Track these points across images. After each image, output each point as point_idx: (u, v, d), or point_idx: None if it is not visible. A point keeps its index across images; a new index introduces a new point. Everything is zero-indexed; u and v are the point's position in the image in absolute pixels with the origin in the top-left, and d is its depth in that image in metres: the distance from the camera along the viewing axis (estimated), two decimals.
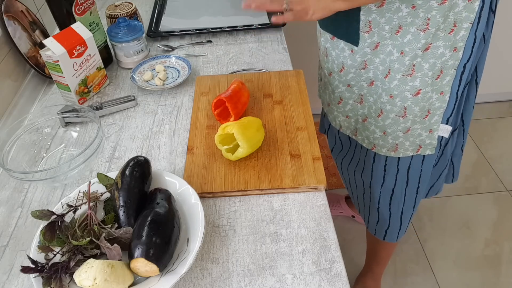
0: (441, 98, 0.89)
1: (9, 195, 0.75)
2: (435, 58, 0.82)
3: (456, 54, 0.82)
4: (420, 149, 0.98)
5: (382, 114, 0.93)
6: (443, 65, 0.83)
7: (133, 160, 0.67)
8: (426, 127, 0.94)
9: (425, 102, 0.89)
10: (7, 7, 0.93)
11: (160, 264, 0.54)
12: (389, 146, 0.98)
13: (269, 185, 0.70)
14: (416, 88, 0.86)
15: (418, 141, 0.97)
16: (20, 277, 0.62)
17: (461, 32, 0.80)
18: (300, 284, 0.58)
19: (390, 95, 0.89)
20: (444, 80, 0.86)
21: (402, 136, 0.95)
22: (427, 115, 0.92)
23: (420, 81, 0.85)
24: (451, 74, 0.85)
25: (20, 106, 0.92)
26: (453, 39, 0.80)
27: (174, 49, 1.11)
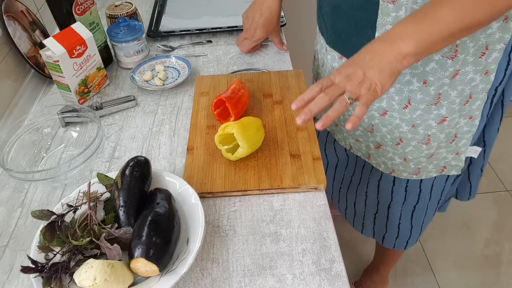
0: (470, 122, 0.82)
1: (9, 195, 0.75)
2: (464, 84, 0.74)
3: (487, 78, 0.75)
4: (444, 170, 0.93)
5: (402, 143, 0.86)
6: (472, 91, 0.76)
7: (133, 160, 0.67)
8: (453, 150, 0.88)
9: (451, 128, 0.82)
10: (7, 7, 0.93)
11: (160, 264, 0.54)
12: (411, 171, 0.92)
13: (269, 185, 0.70)
14: (442, 116, 0.79)
15: (442, 163, 0.91)
16: (20, 277, 0.62)
17: (493, 55, 0.72)
18: (300, 284, 0.58)
19: (412, 125, 0.82)
20: (474, 105, 0.79)
21: (425, 161, 0.89)
22: (454, 140, 0.86)
23: (446, 109, 0.78)
24: (482, 98, 0.78)
25: (20, 106, 0.92)
26: (484, 62, 0.72)
27: (174, 49, 1.11)
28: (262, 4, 0.97)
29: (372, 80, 0.61)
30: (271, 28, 0.99)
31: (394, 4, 0.67)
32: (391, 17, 0.69)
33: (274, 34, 1.02)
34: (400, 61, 0.61)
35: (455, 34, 0.59)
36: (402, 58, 0.60)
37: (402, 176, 0.94)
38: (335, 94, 0.61)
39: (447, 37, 0.59)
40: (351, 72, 0.62)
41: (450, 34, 0.59)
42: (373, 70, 0.61)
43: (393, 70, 0.61)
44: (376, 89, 0.62)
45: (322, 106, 0.61)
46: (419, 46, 0.60)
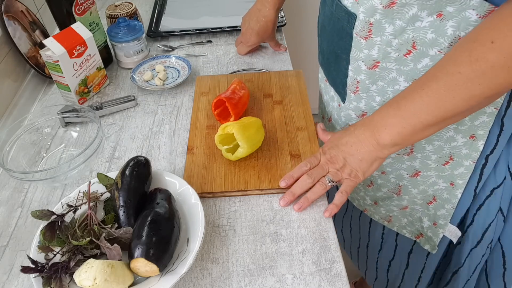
0: (451, 190, 0.73)
1: (9, 195, 0.75)
2: (441, 141, 0.68)
3: (473, 143, 0.66)
4: (420, 238, 0.84)
5: (373, 186, 0.82)
6: (453, 152, 0.68)
7: (133, 160, 0.67)
8: (431, 217, 0.79)
9: (427, 187, 0.75)
10: (7, 7, 0.93)
11: (160, 264, 0.54)
12: (382, 215, 0.87)
13: (269, 185, 0.70)
14: (415, 169, 0.73)
15: (418, 226, 0.83)
16: (20, 277, 0.62)
17: (481, 118, 0.63)
18: (300, 284, 0.58)
19: (382, 172, 0.78)
20: (456, 170, 0.70)
21: (398, 211, 0.83)
22: (432, 202, 0.77)
23: (420, 162, 0.72)
24: (467, 166, 0.68)
25: (20, 106, 0.92)
26: (468, 123, 0.64)
27: (174, 49, 1.11)
28: (259, 11, 0.97)
29: (352, 166, 0.63)
30: (266, 36, 1.00)
31: (366, 41, 0.62)
32: (364, 54, 0.64)
33: (270, 39, 1.03)
34: (380, 150, 0.61)
35: (431, 125, 0.56)
36: (382, 148, 0.61)
37: (374, 217, 0.89)
38: (318, 176, 0.65)
39: (421, 129, 0.57)
40: (333, 155, 0.65)
41: (424, 127, 0.56)
42: (353, 158, 0.63)
43: (373, 158, 0.62)
44: (357, 174, 0.64)
45: (305, 188, 0.65)
46: (395, 139, 0.59)
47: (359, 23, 0.61)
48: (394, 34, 0.59)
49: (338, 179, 0.65)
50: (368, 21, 0.60)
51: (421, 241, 0.85)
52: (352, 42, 0.65)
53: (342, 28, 0.66)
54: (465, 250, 0.78)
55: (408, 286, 0.97)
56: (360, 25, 0.61)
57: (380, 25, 0.59)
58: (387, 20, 0.58)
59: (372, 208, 0.88)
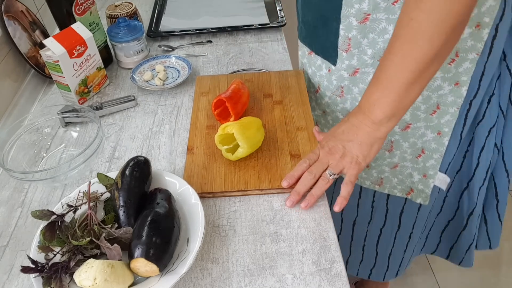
0: (439, 139, 0.77)
1: (9, 195, 0.75)
2: (429, 90, 0.71)
3: (457, 90, 0.71)
4: (411, 193, 0.87)
5: None
6: (440, 100, 0.72)
7: (133, 160, 0.67)
8: (420, 170, 0.82)
9: (416, 139, 0.78)
10: (7, 7, 0.93)
11: (160, 264, 0.54)
12: (373, 179, 0.89)
13: (269, 185, 0.70)
14: (406, 122, 0.76)
15: (408, 183, 0.85)
16: (20, 277, 0.62)
17: (464, 64, 0.67)
18: (300, 284, 0.58)
19: None
20: (442, 118, 0.75)
21: (389, 171, 0.85)
22: (421, 155, 0.80)
23: (410, 114, 0.75)
24: (452, 113, 0.73)
25: (20, 106, 0.92)
26: (454, 71, 0.69)
27: (174, 49, 1.11)
28: None
29: (352, 152, 0.63)
30: None
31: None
32: (355, 9, 0.67)
33: None
34: (377, 129, 0.62)
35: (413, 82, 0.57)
36: (379, 126, 0.61)
37: (365, 184, 0.90)
38: (319, 172, 0.64)
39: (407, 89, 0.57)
40: (332, 146, 0.65)
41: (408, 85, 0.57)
42: (352, 143, 0.63)
43: (372, 139, 0.62)
44: (358, 160, 0.63)
45: (308, 185, 0.65)
46: (387, 111, 0.60)
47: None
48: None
49: (339, 170, 0.64)
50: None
51: (412, 196, 0.87)
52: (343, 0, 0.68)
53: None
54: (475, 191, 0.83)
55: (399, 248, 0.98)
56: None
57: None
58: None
59: (363, 173, 0.88)
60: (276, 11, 1.21)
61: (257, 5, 1.26)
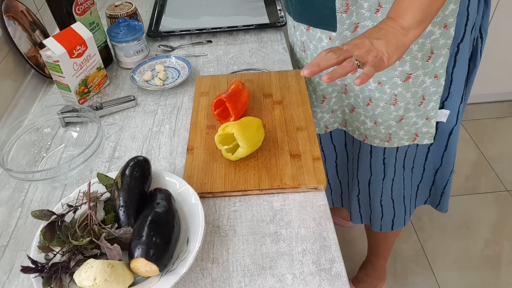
0: (436, 82, 0.84)
1: (9, 195, 0.75)
2: (423, 37, 0.77)
3: (446, 32, 0.77)
4: (417, 138, 0.94)
5: (371, 103, 0.89)
6: (433, 45, 0.78)
7: (133, 160, 0.67)
8: (422, 115, 0.90)
9: (417, 87, 0.84)
10: (7, 7, 0.93)
11: (160, 264, 0.54)
12: (382, 137, 0.94)
13: (269, 185, 0.70)
14: (406, 73, 0.81)
15: (414, 130, 0.93)
16: (20, 277, 0.62)
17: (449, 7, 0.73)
18: (300, 284, 0.58)
19: (378, 82, 0.85)
20: (437, 62, 0.81)
21: (395, 125, 0.91)
22: (422, 102, 0.87)
23: (410, 64, 0.80)
24: (444, 54, 0.80)
25: (20, 106, 0.92)
26: (441, 14, 0.74)
27: (174, 49, 1.11)
28: None
29: (379, 49, 0.63)
30: None
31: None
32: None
33: None
34: (405, 35, 0.64)
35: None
36: (407, 32, 0.63)
37: (374, 143, 0.96)
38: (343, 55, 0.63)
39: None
40: (359, 42, 0.65)
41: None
42: (380, 41, 0.63)
43: (399, 43, 0.64)
44: (383, 57, 0.63)
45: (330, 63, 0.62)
46: (417, 15, 0.63)
47: None
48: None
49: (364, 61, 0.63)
50: None
51: (418, 140, 0.95)
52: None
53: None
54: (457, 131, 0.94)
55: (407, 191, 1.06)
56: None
57: None
58: None
59: (372, 131, 0.94)
60: (276, 11, 1.21)
61: (257, 5, 1.26)
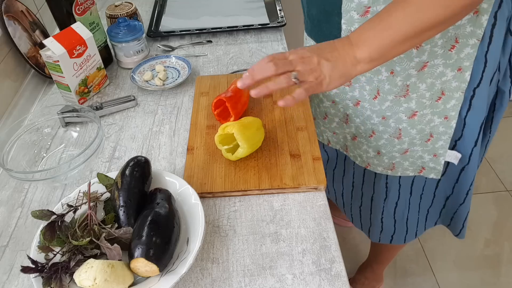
0: (446, 123, 0.79)
1: (9, 195, 0.75)
2: (433, 77, 0.73)
3: (461, 75, 0.72)
4: (423, 171, 0.90)
5: (374, 135, 0.86)
6: (444, 86, 0.74)
7: (133, 160, 0.67)
8: (430, 151, 0.85)
9: (424, 125, 0.80)
10: (7, 7, 0.93)
11: (160, 264, 0.54)
12: (385, 165, 0.91)
13: (269, 185, 0.70)
14: (412, 110, 0.78)
15: (419, 163, 0.89)
16: (20, 277, 0.62)
17: (465, 50, 0.69)
18: (300, 284, 0.58)
19: (383, 117, 0.81)
20: (448, 103, 0.76)
21: (399, 156, 0.87)
22: (430, 139, 0.83)
23: (416, 102, 0.76)
24: (457, 97, 0.75)
25: (20, 106, 0.92)
26: (455, 57, 0.70)
27: (174, 49, 1.11)
28: None
29: (323, 71, 0.60)
30: None
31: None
32: (355, 3, 0.69)
33: None
34: (354, 66, 0.60)
35: (410, 37, 0.58)
36: (357, 63, 0.60)
37: (377, 170, 0.93)
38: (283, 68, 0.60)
39: (401, 42, 0.58)
40: (307, 56, 0.61)
41: (404, 38, 0.58)
42: (327, 64, 0.60)
43: (345, 71, 0.61)
44: (323, 82, 0.61)
45: (266, 74, 0.60)
46: (373, 52, 0.59)
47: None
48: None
49: (303, 79, 0.60)
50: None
51: (424, 173, 0.91)
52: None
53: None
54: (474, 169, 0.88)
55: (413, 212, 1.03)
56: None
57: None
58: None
59: (375, 160, 0.91)
60: (276, 11, 1.21)
61: (257, 5, 1.26)
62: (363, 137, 0.89)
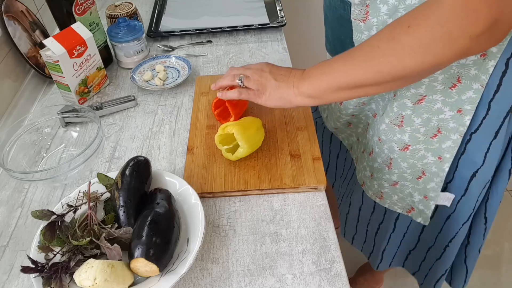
0: (439, 164, 0.74)
1: (9, 195, 0.75)
2: (430, 113, 0.69)
3: (460, 117, 0.67)
4: (411, 212, 0.86)
5: (372, 155, 0.83)
6: (441, 124, 0.69)
7: (133, 160, 0.67)
8: (420, 191, 0.81)
9: (416, 160, 0.76)
10: (7, 7, 0.93)
11: (160, 264, 0.54)
12: (374, 191, 0.88)
13: (269, 185, 0.70)
14: (404, 143, 0.74)
15: (409, 201, 0.84)
16: (20, 277, 0.62)
17: (468, 93, 0.64)
18: (300, 284, 0.58)
19: (379, 138, 0.79)
20: (444, 143, 0.71)
21: (388, 187, 0.84)
22: (421, 176, 0.78)
23: (409, 136, 0.73)
24: (454, 140, 0.70)
25: (20, 106, 0.92)
26: (456, 96, 0.65)
27: (174, 49, 1.11)
28: None
29: (266, 86, 0.68)
30: None
31: (365, 23, 0.67)
32: (365, 35, 0.68)
33: None
34: (295, 96, 0.66)
35: (342, 89, 0.61)
36: (298, 94, 0.65)
37: (368, 193, 0.91)
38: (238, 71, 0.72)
39: (336, 89, 0.61)
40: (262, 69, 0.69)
41: (337, 88, 0.61)
42: (274, 82, 0.67)
43: (286, 97, 0.67)
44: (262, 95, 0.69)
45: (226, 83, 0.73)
46: (312, 91, 0.64)
47: (356, 8, 0.66)
48: (388, 14, 0.63)
49: (247, 84, 0.70)
50: (364, 3, 0.64)
51: (413, 215, 0.87)
52: (353, 26, 0.69)
53: (341, 16, 0.71)
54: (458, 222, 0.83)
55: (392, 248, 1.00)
56: (357, 9, 0.66)
57: (376, 6, 0.63)
58: (382, 0, 0.62)
59: (368, 182, 0.89)
60: (276, 11, 1.21)
61: (257, 5, 1.26)
62: (366, 152, 0.87)
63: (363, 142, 0.88)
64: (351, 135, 0.97)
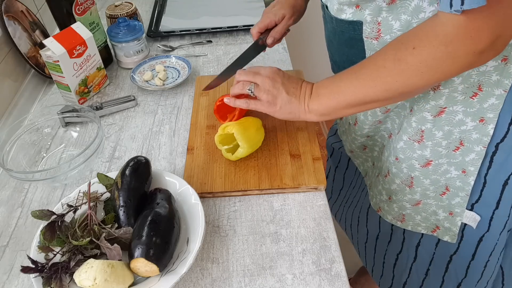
0: (464, 177, 0.70)
1: (9, 195, 0.75)
2: (451, 125, 0.66)
3: (483, 127, 0.64)
4: (436, 231, 0.81)
5: (389, 176, 0.80)
6: (463, 136, 0.66)
7: (133, 160, 0.67)
8: (445, 207, 0.76)
9: (438, 176, 0.73)
10: (7, 7, 0.93)
11: (160, 264, 0.54)
12: (395, 214, 0.84)
13: (269, 185, 0.70)
14: (426, 158, 0.71)
15: (433, 220, 0.79)
16: (20, 277, 0.62)
17: (490, 100, 0.62)
18: (300, 284, 0.58)
19: (396, 157, 0.75)
20: (467, 156, 0.68)
21: (410, 208, 0.80)
22: (445, 192, 0.74)
23: (431, 151, 0.70)
24: (478, 151, 0.66)
25: (20, 106, 0.92)
26: (477, 105, 0.63)
27: (174, 49, 1.11)
28: None
29: (278, 98, 0.67)
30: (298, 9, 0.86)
31: (377, 41, 0.65)
32: None
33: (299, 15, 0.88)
34: (304, 112, 0.67)
35: (352, 106, 0.62)
36: (308, 111, 0.67)
37: (387, 218, 0.87)
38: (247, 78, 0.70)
39: (344, 107, 0.63)
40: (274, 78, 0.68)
41: (346, 105, 0.63)
42: (286, 96, 0.67)
43: (296, 112, 0.67)
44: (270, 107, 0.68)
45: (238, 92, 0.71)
46: (322, 109, 0.65)
47: (367, 26, 0.65)
48: (401, 30, 0.62)
49: (257, 94, 0.69)
50: (376, 21, 0.63)
51: (438, 234, 0.81)
52: (365, 46, 0.68)
53: (350, 38, 0.69)
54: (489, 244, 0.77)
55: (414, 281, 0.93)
56: (369, 28, 0.65)
57: (388, 23, 0.62)
58: (393, 17, 0.61)
59: (386, 206, 0.85)
60: None
61: (257, 5, 1.26)
62: (381, 175, 0.83)
63: (378, 165, 0.85)
64: (367, 160, 0.93)
